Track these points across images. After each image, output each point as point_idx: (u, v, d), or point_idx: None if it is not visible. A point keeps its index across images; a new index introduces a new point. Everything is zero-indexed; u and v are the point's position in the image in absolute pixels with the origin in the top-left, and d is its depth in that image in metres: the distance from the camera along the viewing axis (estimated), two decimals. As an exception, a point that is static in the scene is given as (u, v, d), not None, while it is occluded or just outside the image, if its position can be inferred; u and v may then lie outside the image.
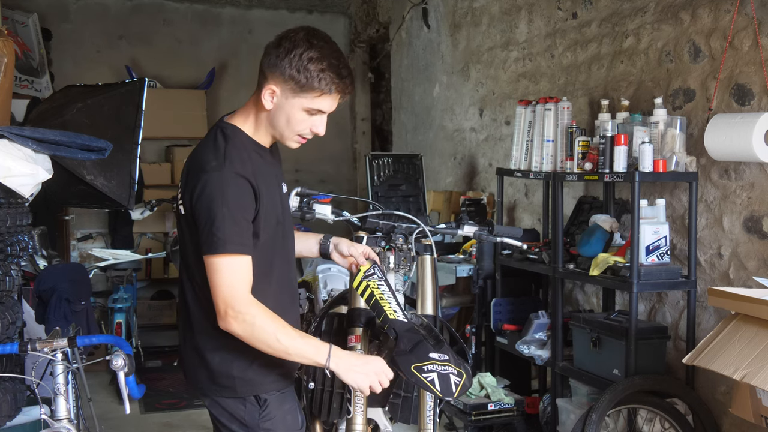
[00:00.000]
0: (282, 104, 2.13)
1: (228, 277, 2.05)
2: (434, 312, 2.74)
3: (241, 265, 2.07)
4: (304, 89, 2.10)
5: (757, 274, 3.43)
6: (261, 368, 2.18)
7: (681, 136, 3.68)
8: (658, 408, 3.52)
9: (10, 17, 6.64)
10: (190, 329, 2.21)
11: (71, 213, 7.19)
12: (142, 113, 3.85)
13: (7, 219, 3.09)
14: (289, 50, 2.09)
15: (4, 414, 3.04)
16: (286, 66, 2.09)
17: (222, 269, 2.04)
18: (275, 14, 8.35)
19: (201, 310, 2.17)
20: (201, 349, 2.19)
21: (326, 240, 2.58)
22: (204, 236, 2.05)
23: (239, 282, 2.06)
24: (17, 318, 3.22)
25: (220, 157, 2.09)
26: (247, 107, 2.22)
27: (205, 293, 2.13)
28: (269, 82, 2.12)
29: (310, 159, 8.01)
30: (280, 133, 2.19)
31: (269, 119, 2.17)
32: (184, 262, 2.20)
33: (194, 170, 2.11)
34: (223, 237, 2.03)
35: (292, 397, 2.29)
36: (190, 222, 2.13)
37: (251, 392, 2.18)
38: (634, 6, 4.21)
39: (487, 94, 5.84)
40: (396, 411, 2.73)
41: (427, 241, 2.80)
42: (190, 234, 2.14)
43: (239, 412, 2.19)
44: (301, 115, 2.14)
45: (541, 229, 4.65)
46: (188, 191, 2.10)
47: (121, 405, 2.84)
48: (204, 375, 2.20)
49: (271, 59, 2.12)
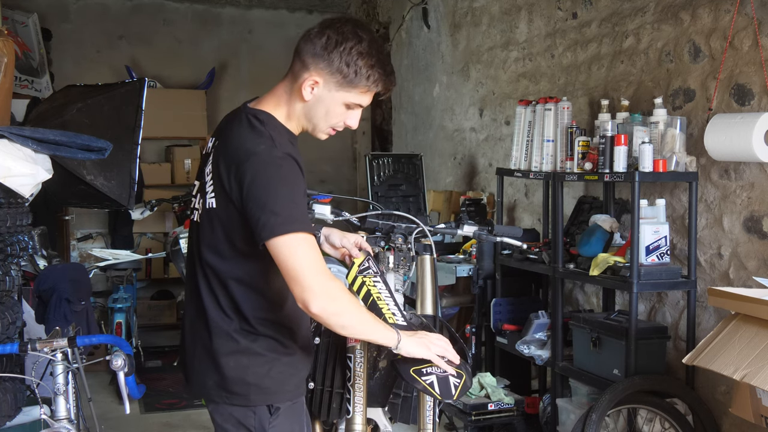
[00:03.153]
0: (323, 96, 2.06)
1: (308, 255, 1.93)
2: (434, 312, 2.74)
3: (313, 242, 1.96)
4: (351, 84, 2.04)
5: (757, 274, 3.43)
6: (278, 377, 2.09)
7: (681, 136, 3.68)
8: (658, 408, 3.52)
9: (10, 17, 6.63)
10: (205, 330, 2.09)
11: (71, 213, 7.19)
12: (142, 113, 3.85)
13: (7, 219, 3.09)
14: (339, 42, 2.01)
15: (4, 414, 3.04)
16: (335, 58, 2.01)
17: (297, 248, 1.92)
18: (275, 14, 8.35)
19: (221, 312, 2.07)
20: (216, 352, 2.07)
21: (317, 231, 2.49)
22: (267, 219, 1.91)
23: (319, 258, 1.95)
24: (17, 318, 3.22)
25: (267, 139, 1.99)
26: (277, 95, 2.11)
27: (234, 293, 2.04)
28: (311, 73, 2.03)
29: (310, 159, 7.95)
30: (314, 124, 2.10)
31: (305, 110, 2.08)
32: (210, 261, 2.07)
33: (240, 155, 1.97)
34: (291, 216, 1.92)
35: (302, 409, 2.21)
36: (232, 214, 2.00)
37: (265, 401, 2.09)
38: (634, 6, 4.21)
39: (487, 94, 5.84)
40: (396, 411, 2.73)
41: (426, 241, 2.79)
42: (232, 227, 2.01)
43: (249, 420, 2.09)
44: (340, 108, 2.08)
45: (541, 229, 4.65)
46: (235, 178, 1.97)
47: (121, 405, 2.84)
48: (213, 380, 2.09)
49: (317, 49, 2.03)
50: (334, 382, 2.62)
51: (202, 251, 2.09)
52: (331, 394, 2.62)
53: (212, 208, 2.04)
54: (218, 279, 2.07)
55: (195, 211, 2.17)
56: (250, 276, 2.06)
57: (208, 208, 2.06)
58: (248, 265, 2.05)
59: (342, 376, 2.62)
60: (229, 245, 2.04)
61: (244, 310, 2.07)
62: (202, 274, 2.10)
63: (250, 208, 1.94)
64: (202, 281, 2.10)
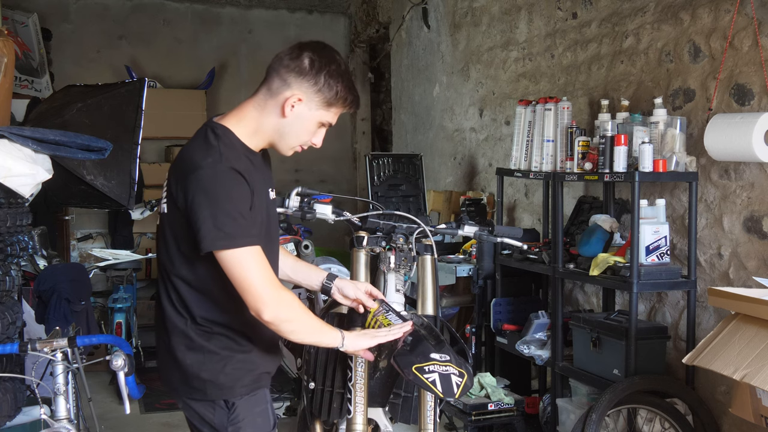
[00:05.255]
0: (303, 114, 2.15)
1: (256, 267, 2.03)
2: (434, 312, 2.74)
3: (259, 252, 2.05)
4: (329, 104, 2.16)
5: (757, 274, 3.43)
6: (232, 373, 2.16)
7: (681, 136, 3.68)
8: (658, 408, 3.52)
9: (10, 17, 6.63)
10: (163, 329, 2.20)
11: (71, 213, 7.19)
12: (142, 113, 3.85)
13: (7, 219, 3.09)
14: (324, 64, 2.13)
15: (4, 414, 3.04)
16: (320, 79, 2.13)
17: (244, 262, 2.02)
18: (275, 14, 8.35)
19: (174, 310, 2.16)
20: (174, 349, 2.17)
21: (329, 281, 2.52)
22: (207, 231, 2.01)
23: (267, 268, 2.06)
24: (17, 318, 3.22)
25: (215, 153, 2.06)
26: (245, 111, 2.18)
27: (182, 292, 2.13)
28: (294, 91, 2.13)
29: (310, 159, 8.00)
30: (286, 141, 2.19)
31: (280, 126, 2.16)
32: (163, 261, 2.18)
33: (187, 167, 2.07)
34: (231, 231, 2.01)
35: (263, 398, 2.26)
36: (177, 220, 2.10)
37: (221, 396, 2.17)
38: (634, 6, 4.21)
39: (487, 94, 5.85)
40: (396, 411, 2.73)
41: (427, 241, 2.80)
42: (177, 231, 2.12)
43: (208, 416, 2.18)
44: (314, 126, 2.19)
45: (541, 229, 4.65)
46: (181, 188, 2.06)
47: (121, 405, 2.84)
48: (177, 376, 2.19)
49: (302, 68, 2.13)
50: (334, 382, 2.62)
51: (160, 252, 2.21)
52: (331, 394, 2.63)
53: (164, 212, 2.17)
54: (170, 278, 2.16)
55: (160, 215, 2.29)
56: (194, 277, 2.14)
57: (161, 213, 2.18)
58: (192, 268, 2.13)
59: (342, 375, 2.62)
60: (176, 247, 2.13)
61: (193, 310, 2.15)
62: (161, 275, 2.21)
63: (192, 219, 2.04)
64: (161, 282, 2.21)
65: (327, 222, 2.86)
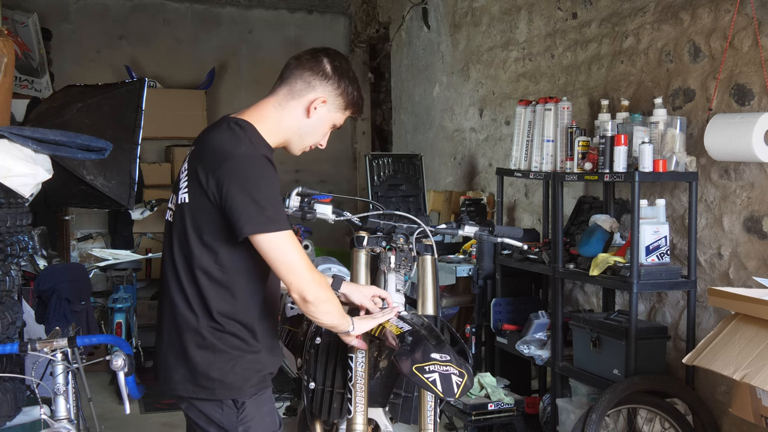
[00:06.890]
0: (323, 116, 2.25)
1: (298, 250, 2.10)
2: (435, 312, 2.74)
3: (294, 237, 2.12)
4: (347, 107, 2.28)
5: (757, 274, 3.43)
6: (241, 373, 2.17)
7: (681, 136, 3.68)
8: (658, 408, 3.52)
9: (10, 17, 6.64)
10: (173, 326, 2.18)
11: (71, 213, 7.19)
12: (142, 113, 3.86)
13: (7, 219, 3.09)
14: (345, 69, 2.25)
15: (4, 414, 3.04)
16: (343, 83, 2.23)
17: (288, 245, 2.08)
18: (275, 14, 8.35)
19: (187, 307, 2.15)
20: (183, 347, 2.16)
21: (336, 285, 2.53)
22: (249, 216, 2.03)
23: (303, 252, 2.13)
24: (17, 318, 3.22)
25: (246, 141, 2.11)
26: (265, 109, 2.22)
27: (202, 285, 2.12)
28: (319, 93, 2.21)
29: (310, 159, 7.96)
30: (303, 140, 2.27)
31: (300, 126, 2.23)
32: (182, 254, 2.17)
33: (219, 155, 2.08)
34: (277, 215, 2.06)
35: (270, 398, 2.28)
36: (204, 208, 2.10)
37: (229, 396, 2.17)
38: (634, 6, 4.22)
39: (487, 94, 5.85)
40: (396, 411, 2.73)
41: (428, 242, 2.79)
42: (200, 222, 2.11)
43: (216, 416, 2.18)
44: (328, 128, 2.29)
45: (541, 229, 4.65)
46: (212, 177, 2.07)
47: (121, 405, 2.85)
48: (180, 374, 2.18)
49: (325, 73, 2.21)
50: (334, 382, 2.62)
51: (174, 246, 2.20)
52: (331, 394, 2.62)
53: (185, 203, 2.16)
54: (186, 271, 2.16)
55: (169, 211, 2.28)
56: (216, 268, 2.14)
57: (181, 204, 2.17)
58: (215, 258, 2.14)
59: (343, 375, 2.62)
60: (198, 238, 2.13)
61: (210, 305, 2.15)
62: (172, 271, 2.19)
63: (229, 205, 2.05)
64: (172, 278, 2.20)
65: (327, 222, 2.86)
